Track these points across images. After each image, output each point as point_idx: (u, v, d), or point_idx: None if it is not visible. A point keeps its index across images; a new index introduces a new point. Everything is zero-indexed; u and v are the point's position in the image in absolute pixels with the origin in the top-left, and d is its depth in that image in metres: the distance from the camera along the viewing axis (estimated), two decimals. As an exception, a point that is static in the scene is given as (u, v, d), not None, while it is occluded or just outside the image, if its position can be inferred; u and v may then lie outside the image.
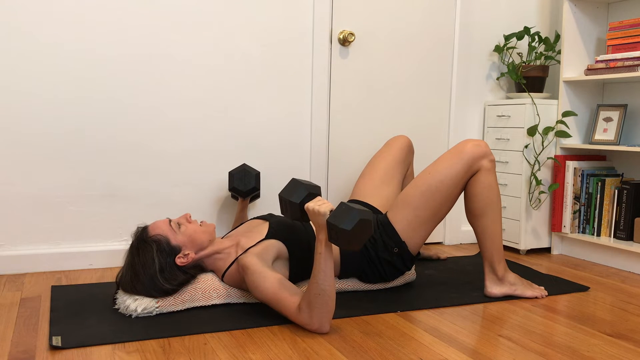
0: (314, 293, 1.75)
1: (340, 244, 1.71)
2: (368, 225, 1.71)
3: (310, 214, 1.78)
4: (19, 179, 2.42)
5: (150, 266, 1.89)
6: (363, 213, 1.69)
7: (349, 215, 1.68)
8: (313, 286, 1.75)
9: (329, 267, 1.76)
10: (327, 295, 1.75)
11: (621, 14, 3.00)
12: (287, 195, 1.84)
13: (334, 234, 1.70)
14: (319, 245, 1.76)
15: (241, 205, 2.61)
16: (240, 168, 2.56)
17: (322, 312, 1.76)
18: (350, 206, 1.70)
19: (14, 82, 2.38)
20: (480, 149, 2.13)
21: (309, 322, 1.77)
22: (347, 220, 1.67)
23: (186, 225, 2.00)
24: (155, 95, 2.58)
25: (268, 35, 2.75)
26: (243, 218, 2.61)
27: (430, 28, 3.07)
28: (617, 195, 2.79)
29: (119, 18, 2.50)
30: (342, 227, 1.67)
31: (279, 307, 1.83)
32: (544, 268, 2.72)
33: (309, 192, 1.82)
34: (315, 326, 1.78)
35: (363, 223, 1.69)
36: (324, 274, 1.75)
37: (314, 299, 1.75)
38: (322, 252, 1.75)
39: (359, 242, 1.72)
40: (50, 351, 1.63)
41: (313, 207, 1.77)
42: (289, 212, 1.85)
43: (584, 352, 1.71)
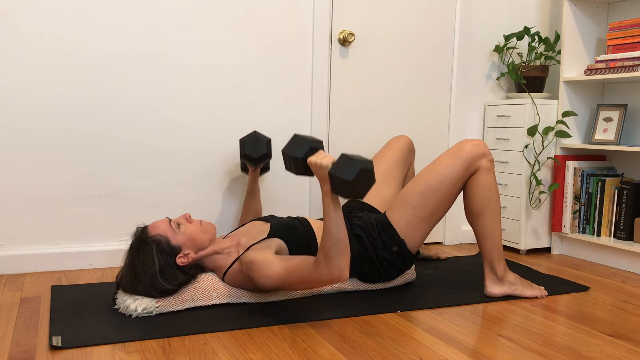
0: (329, 244, 1.77)
1: (344, 194, 1.74)
2: (370, 175, 1.74)
3: (313, 167, 1.81)
4: (19, 179, 2.42)
5: (150, 266, 1.89)
6: (364, 163, 1.72)
7: (350, 165, 1.71)
8: (327, 238, 1.78)
9: (339, 216, 1.78)
10: (342, 243, 1.78)
11: (621, 14, 3.00)
12: (290, 151, 1.86)
13: (337, 185, 1.74)
14: (325, 197, 1.79)
15: (252, 176, 2.54)
16: (251, 135, 2.48)
17: (340, 259, 1.78)
18: (351, 157, 1.73)
19: (14, 82, 2.38)
20: (479, 148, 2.13)
21: (329, 272, 1.78)
22: (349, 171, 1.71)
23: (186, 225, 2.00)
24: (155, 95, 2.58)
25: (268, 35, 2.75)
26: (255, 190, 2.55)
27: (430, 28, 3.07)
28: (617, 195, 2.79)
29: (119, 17, 2.50)
30: (343, 178, 1.70)
31: (296, 276, 1.83)
32: (544, 268, 2.72)
33: (311, 146, 1.85)
34: (335, 274, 1.78)
35: (364, 172, 1.72)
36: (336, 224, 1.78)
37: (330, 249, 1.77)
38: (329, 204, 1.78)
39: (362, 191, 1.75)
40: (50, 351, 1.63)
41: (315, 160, 1.80)
42: (293, 168, 1.88)
43: (584, 352, 1.71)
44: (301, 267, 1.83)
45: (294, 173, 1.89)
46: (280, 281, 1.86)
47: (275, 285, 1.88)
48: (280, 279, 1.86)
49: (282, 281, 1.86)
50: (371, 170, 1.74)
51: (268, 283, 1.89)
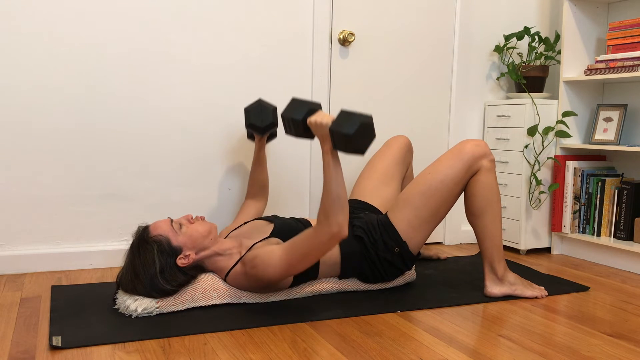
0: (329, 201, 1.80)
1: (345, 149, 1.76)
2: (370, 129, 1.75)
3: (313, 127, 1.82)
4: (19, 179, 2.42)
5: (150, 266, 1.89)
6: (364, 117, 1.73)
7: (350, 120, 1.73)
8: (327, 195, 1.80)
9: (339, 174, 1.81)
10: (342, 200, 1.80)
11: (621, 14, 3.00)
12: (290, 113, 1.88)
13: (338, 140, 1.75)
14: (326, 155, 1.81)
15: (259, 144, 2.48)
16: (256, 104, 2.41)
17: (339, 216, 1.80)
18: (350, 112, 1.75)
19: (14, 82, 2.38)
20: (480, 148, 2.13)
21: (328, 229, 1.80)
22: (349, 125, 1.72)
23: (187, 226, 2.00)
24: (155, 96, 2.58)
25: (268, 35, 2.75)
26: (261, 159, 2.49)
27: (430, 28, 3.07)
28: (617, 195, 2.79)
29: (120, 18, 2.50)
30: (344, 132, 1.71)
31: (299, 252, 1.85)
32: (544, 268, 2.72)
33: (310, 107, 1.86)
34: (334, 230, 1.80)
35: (365, 127, 1.73)
36: (336, 182, 1.80)
37: (330, 206, 1.79)
38: (330, 163, 1.80)
39: (363, 145, 1.76)
40: (50, 351, 1.63)
41: (315, 119, 1.81)
42: (293, 130, 1.89)
43: (584, 352, 1.71)
44: (301, 240, 1.85)
45: (294, 136, 1.91)
46: (286, 264, 1.87)
47: (282, 271, 1.89)
48: (285, 262, 1.87)
49: (287, 263, 1.87)
50: (371, 124, 1.76)
51: (274, 272, 1.89)
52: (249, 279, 1.98)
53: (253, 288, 2.02)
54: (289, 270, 1.89)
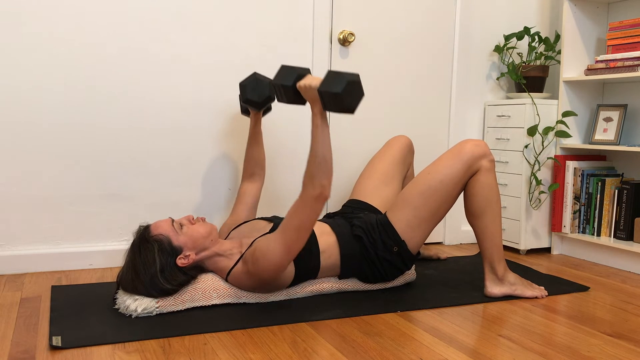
0: (315, 165, 1.85)
1: (335, 108, 1.81)
2: (358, 87, 1.80)
3: (303, 91, 1.87)
4: (19, 179, 2.42)
5: (151, 265, 1.89)
6: (351, 75, 1.79)
7: (338, 79, 1.78)
8: (313, 157, 1.86)
9: (327, 137, 1.86)
10: (328, 162, 1.86)
11: (621, 14, 3.00)
12: (279, 80, 1.93)
13: (327, 100, 1.80)
14: (315, 117, 1.86)
15: (255, 119, 2.42)
16: (251, 78, 2.34)
17: (323, 178, 1.85)
18: (337, 72, 1.80)
19: (14, 82, 2.38)
20: (480, 148, 2.13)
21: (313, 191, 1.85)
22: (337, 84, 1.77)
23: (188, 226, 2.00)
24: (155, 95, 2.58)
25: (268, 35, 2.75)
26: (257, 135, 2.43)
27: (430, 28, 3.07)
28: (617, 195, 2.79)
29: (121, 18, 2.50)
30: (333, 92, 1.76)
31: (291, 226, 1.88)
32: (544, 268, 2.72)
33: (298, 73, 1.91)
34: (317, 191, 1.85)
35: (352, 84, 1.78)
36: (323, 144, 1.85)
37: (315, 169, 1.85)
38: (318, 124, 1.86)
39: (352, 103, 1.80)
40: (50, 351, 1.63)
41: (304, 83, 1.86)
42: (284, 97, 1.94)
43: (584, 352, 1.71)
44: (290, 215, 1.89)
45: (285, 102, 1.95)
46: (283, 245, 1.89)
47: (282, 253, 1.89)
48: (282, 242, 1.89)
49: (285, 243, 1.89)
50: (359, 82, 1.80)
51: (275, 257, 1.90)
52: (251, 277, 1.98)
53: (255, 286, 2.02)
54: (289, 250, 1.90)
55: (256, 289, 2.03)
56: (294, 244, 1.89)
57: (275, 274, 1.95)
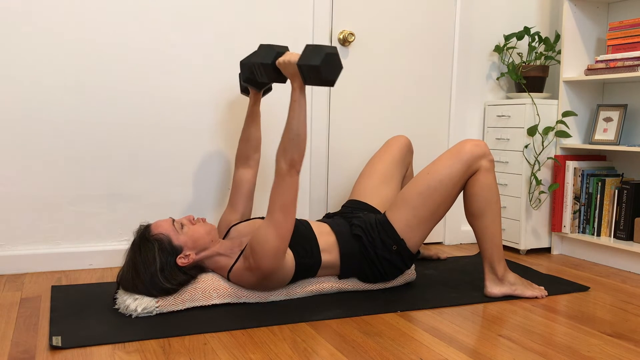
0: (288, 138, 1.90)
1: (315, 81, 1.85)
2: (336, 58, 1.84)
3: (282, 67, 1.92)
4: (19, 179, 2.42)
5: (151, 264, 1.89)
6: (329, 48, 1.83)
7: (316, 52, 1.82)
8: (288, 132, 1.90)
9: (303, 114, 1.91)
10: (301, 139, 1.90)
11: (621, 14, 3.00)
12: (259, 59, 1.96)
13: (307, 73, 1.85)
14: (294, 92, 1.91)
15: (254, 98, 2.35)
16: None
17: (295, 153, 1.90)
18: (315, 45, 1.85)
19: (14, 82, 2.38)
20: (480, 148, 2.13)
21: (284, 164, 1.91)
22: (315, 57, 1.82)
23: (188, 226, 2.00)
24: (155, 95, 2.58)
25: (268, 35, 2.75)
26: (255, 114, 2.36)
27: (430, 28, 3.07)
28: (617, 195, 2.79)
29: (121, 18, 2.49)
30: (312, 64, 1.81)
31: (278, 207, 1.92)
32: (544, 268, 2.72)
33: (277, 51, 1.94)
34: (286, 166, 1.90)
35: (330, 56, 1.82)
36: (298, 120, 1.90)
37: (288, 144, 1.90)
38: (296, 100, 1.90)
39: (331, 75, 1.85)
40: (50, 351, 1.63)
41: (283, 59, 1.91)
42: (265, 75, 1.97)
43: (584, 352, 1.71)
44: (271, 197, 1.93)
45: (266, 81, 1.98)
46: (274, 227, 1.91)
47: (275, 236, 1.91)
48: (272, 226, 1.91)
49: (275, 226, 1.91)
50: (336, 54, 1.84)
51: (269, 242, 1.90)
52: (252, 271, 1.97)
53: (257, 282, 2.00)
54: (280, 233, 1.91)
55: (258, 285, 2.02)
56: (282, 225, 1.92)
57: (273, 262, 1.94)
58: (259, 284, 2.02)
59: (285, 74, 1.94)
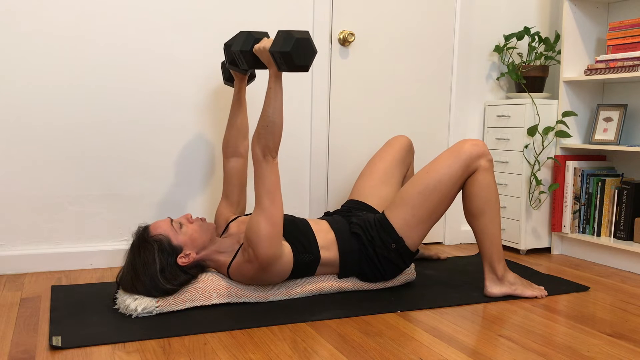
0: (262, 125, 1.91)
1: (289, 67, 1.85)
2: (307, 43, 1.83)
3: (259, 54, 1.92)
4: (19, 179, 2.42)
5: (151, 266, 1.89)
6: (300, 33, 1.83)
7: (287, 38, 1.82)
8: (263, 119, 1.91)
9: (279, 100, 1.91)
10: (276, 126, 1.91)
11: (621, 14, 3.00)
12: (237, 46, 1.95)
13: (279, 60, 1.84)
14: (270, 80, 1.91)
15: (239, 85, 2.32)
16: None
17: (269, 140, 1.90)
18: (287, 31, 1.84)
19: (14, 82, 2.38)
20: (478, 148, 2.13)
21: (258, 151, 1.93)
22: (286, 43, 1.81)
23: (187, 226, 2.00)
24: (155, 95, 2.58)
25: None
26: (241, 99, 2.33)
27: (430, 28, 3.07)
28: (617, 195, 2.79)
29: (122, 19, 2.49)
30: (283, 50, 1.81)
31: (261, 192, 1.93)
32: (544, 268, 2.72)
33: (255, 37, 1.94)
34: (261, 153, 1.91)
35: (301, 42, 1.82)
36: (274, 108, 1.91)
37: (262, 130, 1.90)
38: (272, 87, 1.90)
39: (305, 60, 1.85)
40: (50, 351, 1.63)
41: (259, 46, 1.91)
42: (244, 62, 1.97)
43: (584, 352, 1.71)
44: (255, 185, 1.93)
45: (246, 68, 1.98)
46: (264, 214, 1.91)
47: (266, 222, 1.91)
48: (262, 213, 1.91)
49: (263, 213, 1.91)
50: (308, 38, 1.83)
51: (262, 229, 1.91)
52: (251, 263, 1.96)
53: (256, 275, 1.99)
54: (270, 218, 1.92)
55: (257, 278, 2.01)
56: (270, 211, 1.92)
57: (270, 249, 1.92)
58: (258, 276, 2.00)
59: (262, 61, 1.95)
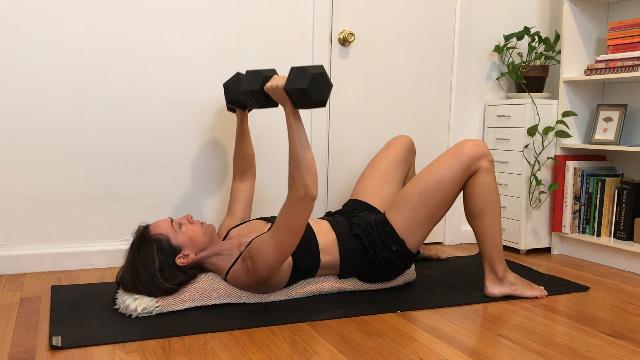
0: (294, 165, 1.82)
1: (305, 105, 1.77)
2: (323, 78, 1.75)
3: (271, 93, 1.85)
4: (19, 179, 2.42)
5: (150, 265, 1.89)
6: (315, 68, 1.75)
7: (302, 74, 1.74)
8: (292, 159, 1.82)
9: (303, 136, 1.83)
10: (307, 162, 1.82)
11: (621, 14, 3.00)
12: (247, 86, 1.89)
13: (296, 97, 1.77)
14: (288, 118, 1.83)
15: (241, 117, 2.41)
16: (234, 78, 2.36)
17: (305, 178, 1.81)
18: (301, 67, 1.77)
19: (14, 82, 2.38)
20: (479, 149, 2.13)
21: (297, 192, 1.82)
22: (302, 80, 1.74)
23: (187, 226, 2.00)
24: (155, 96, 2.58)
25: (268, 35, 2.75)
26: (244, 132, 2.41)
27: (430, 28, 3.07)
28: (617, 195, 2.79)
29: (121, 20, 2.50)
30: (299, 88, 1.73)
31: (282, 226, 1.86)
32: (544, 268, 2.72)
33: (264, 75, 1.87)
34: (302, 192, 1.81)
35: (317, 77, 1.74)
36: (300, 144, 1.82)
37: (294, 170, 1.82)
38: (292, 124, 1.82)
39: (322, 96, 1.76)
40: (50, 351, 1.63)
41: (271, 84, 1.84)
42: (255, 102, 1.90)
43: (584, 352, 1.71)
44: (280, 216, 1.87)
45: (257, 108, 1.92)
46: (276, 244, 1.88)
47: (275, 252, 1.89)
48: (274, 242, 1.88)
49: (277, 243, 1.88)
50: (323, 72, 1.75)
51: (268, 256, 1.89)
52: (249, 275, 1.98)
53: (253, 285, 2.01)
54: (280, 249, 1.89)
55: (254, 288, 2.03)
56: (284, 243, 1.89)
57: (270, 272, 1.94)
58: (255, 286, 2.02)
59: (275, 99, 1.87)
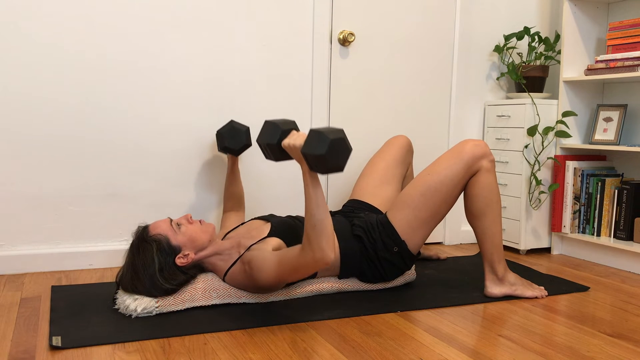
0: (310, 225, 1.76)
1: (323, 170, 1.70)
2: (342, 143, 1.68)
3: (288, 150, 1.78)
4: (19, 179, 2.42)
5: (150, 265, 1.89)
6: (334, 133, 1.67)
7: (320, 139, 1.66)
8: (309, 218, 1.76)
9: (320, 197, 1.77)
10: (323, 224, 1.76)
11: (621, 14, 3.00)
12: (264, 139, 1.82)
13: (313, 162, 1.69)
14: (305, 177, 1.77)
15: (232, 161, 2.53)
16: (228, 126, 2.46)
17: (321, 240, 1.76)
18: (319, 131, 1.68)
19: (14, 82, 2.38)
20: (480, 149, 2.13)
21: (312, 254, 1.77)
22: (320, 145, 1.65)
23: (186, 226, 2.00)
24: (155, 96, 2.58)
25: (268, 35, 2.75)
26: (235, 173, 2.54)
27: (430, 28, 3.07)
28: (617, 195, 2.79)
29: (121, 22, 2.49)
30: (316, 154, 1.66)
31: (288, 266, 1.84)
32: (544, 268, 2.72)
33: (282, 129, 1.80)
34: (317, 255, 1.77)
35: (336, 143, 1.66)
36: (317, 205, 1.76)
37: (311, 231, 1.76)
38: (309, 183, 1.76)
39: (339, 163, 1.69)
40: (50, 351, 1.63)
41: (288, 142, 1.77)
42: (271, 155, 1.84)
43: (584, 352, 1.71)
44: (291, 256, 1.84)
45: (273, 160, 1.85)
46: (277, 274, 1.88)
47: (273, 279, 1.90)
48: (276, 272, 1.88)
49: (278, 274, 1.88)
50: (343, 138, 1.68)
51: (266, 278, 1.90)
52: (247, 278, 1.98)
53: (250, 288, 2.02)
54: (281, 280, 1.91)
55: (252, 290, 2.03)
56: (286, 278, 1.90)
57: (268, 286, 1.97)
58: (253, 289, 2.03)
59: (292, 157, 1.80)
